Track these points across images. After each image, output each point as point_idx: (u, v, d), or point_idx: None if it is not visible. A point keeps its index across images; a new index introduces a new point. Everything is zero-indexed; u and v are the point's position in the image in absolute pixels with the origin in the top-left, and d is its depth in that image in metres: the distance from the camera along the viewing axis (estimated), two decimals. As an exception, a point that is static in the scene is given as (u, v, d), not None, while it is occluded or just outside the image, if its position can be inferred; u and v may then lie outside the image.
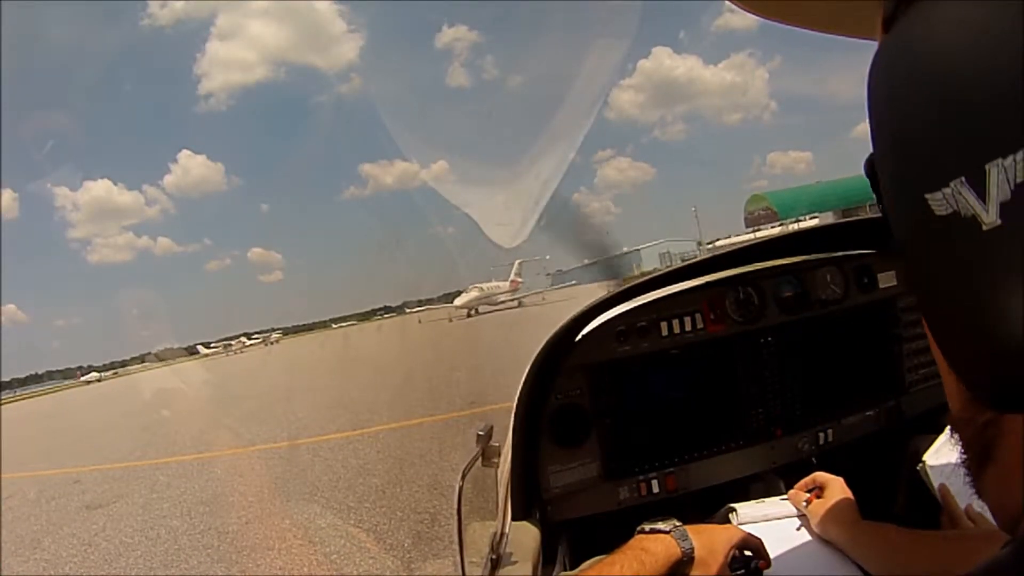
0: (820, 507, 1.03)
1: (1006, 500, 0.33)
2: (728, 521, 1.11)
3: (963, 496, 1.00)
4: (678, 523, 0.94)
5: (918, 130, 0.29)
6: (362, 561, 3.89)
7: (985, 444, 0.33)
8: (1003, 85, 0.25)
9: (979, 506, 0.96)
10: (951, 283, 0.29)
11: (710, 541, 0.92)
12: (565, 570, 1.19)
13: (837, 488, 1.05)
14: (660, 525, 0.94)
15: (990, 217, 0.25)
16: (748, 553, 0.95)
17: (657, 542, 0.91)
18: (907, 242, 0.31)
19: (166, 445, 10.37)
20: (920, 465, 1.12)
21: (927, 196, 0.28)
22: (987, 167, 0.25)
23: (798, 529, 1.07)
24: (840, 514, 1.00)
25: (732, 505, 1.15)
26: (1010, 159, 0.24)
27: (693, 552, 0.90)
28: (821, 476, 1.10)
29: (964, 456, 0.35)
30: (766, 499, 1.17)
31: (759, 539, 0.96)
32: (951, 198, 0.27)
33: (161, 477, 7.84)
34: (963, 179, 0.26)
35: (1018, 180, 0.24)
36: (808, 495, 1.09)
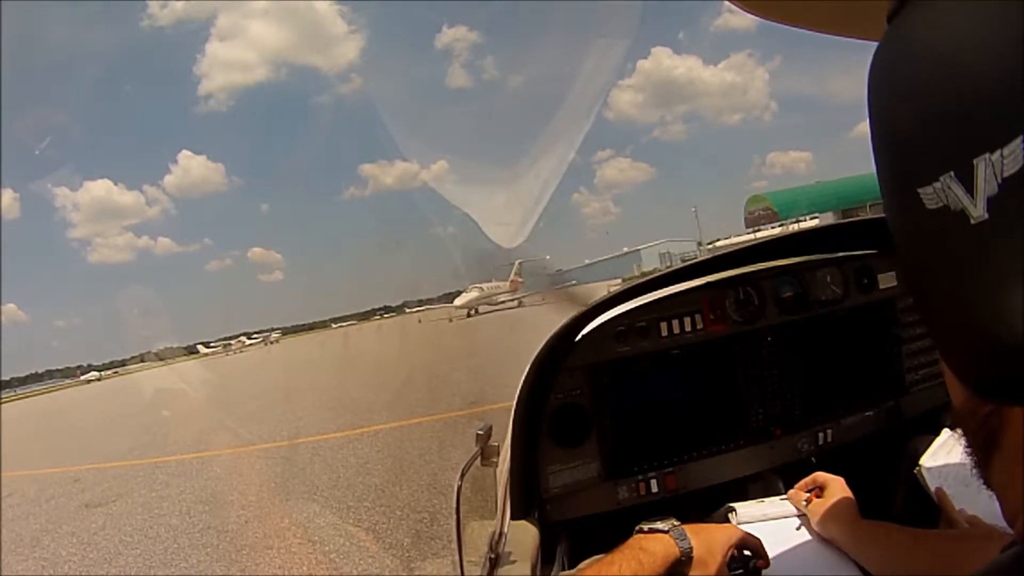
0: (820, 506, 1.03)
1: (1010, 488, 0.33)
2: (727, 521, 1.11)
3: (960, 499, 1.01)
4: (677, 523, 0.94)
5: (910, 126, 0.29)
6: (361, 560, 3.89)
7: (990, 433, 0.32)
8: (990, 82, 0.25)
9: (989, 497, 0.96)
10: (941, 276, 0.29)
11: (708, 540, 0.92)
12: (564, 570, 1.19)
13: (837, 488, 1.05)
14: (659, 525, 0.94)
15: (978, 211, 0.26)
16: (747, 553, 0.95)
17: (655, 541, 0.91)
18: (900, 236, 0.32)
19: (166, 444, 10.36)
20: (917, 468, 1.12)
21: (919, 190, 0.28)
22: (975, 162, 0.25)
23: (797, 529, 1.07)
24: (840, 513, 1.00)
25: (731, 505, 1.15)
26: (997, 154, 0.24)
27: (692, 552, 0.90)
28: (821, 476, 1.10)
29: (968, 448, 0.35)
30: (765, 499, 1.17)
31: (758, 539, 0.96)
32: (941, 192, 0.27)
33: (161, 476, 7.83)
34: (952, 173, 0.26)
35: (1005, 174, 0.24)
36: (808, 495, 1.09)
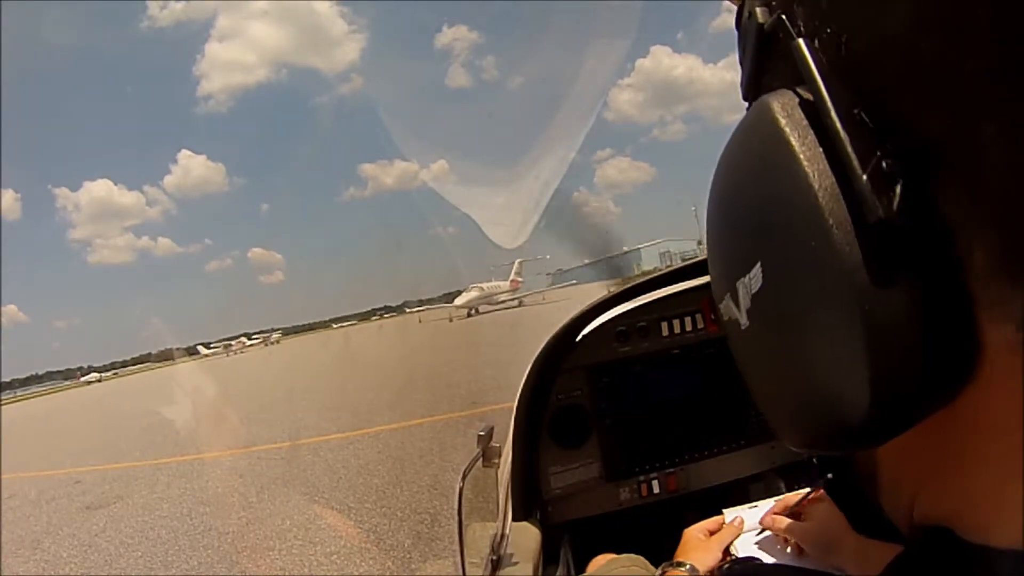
0: (805, 534, 0.84)
1: (888, 508, 0.34)
2: None
3: None
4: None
5: (711, 247, 0.38)
6: (362, 561, 3.89)
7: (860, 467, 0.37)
8: (743, 214, 0.31)
9: None
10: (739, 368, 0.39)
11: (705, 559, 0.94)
12: (566, 571, 1.19)
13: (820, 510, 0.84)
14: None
15: (744, 321, 0.33)
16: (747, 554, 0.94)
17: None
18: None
19: (166, 445, 10.37)
20: None
21: (719, 304, 0.37)
22: (736, 284, 0.32)
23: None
24: (828, 537, 0.87)
25: (724, 511, 1.14)
26: (747, 277, 0.31)
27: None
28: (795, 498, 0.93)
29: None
30: (759, 502, 1.16)
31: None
32: (727, 308, 0.36)
33: (161, 477, 7.84)
34: (729, 294, 0.34)
35: (753, 292, 0.31)
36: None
